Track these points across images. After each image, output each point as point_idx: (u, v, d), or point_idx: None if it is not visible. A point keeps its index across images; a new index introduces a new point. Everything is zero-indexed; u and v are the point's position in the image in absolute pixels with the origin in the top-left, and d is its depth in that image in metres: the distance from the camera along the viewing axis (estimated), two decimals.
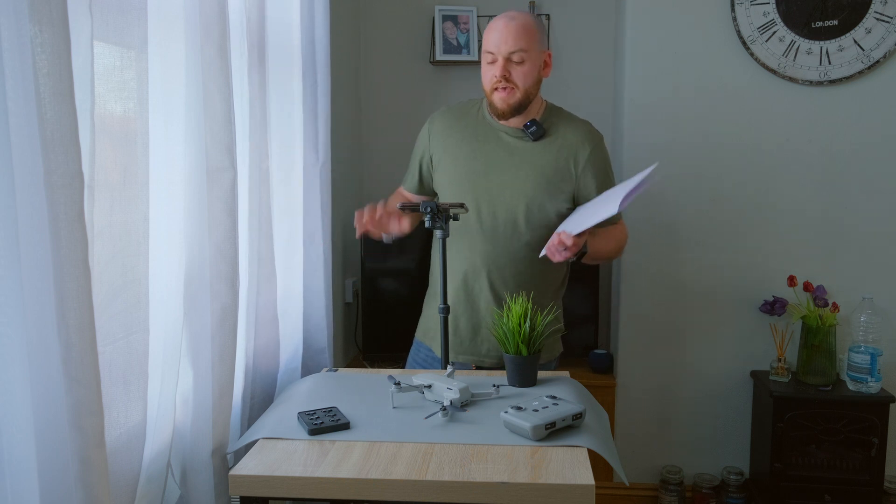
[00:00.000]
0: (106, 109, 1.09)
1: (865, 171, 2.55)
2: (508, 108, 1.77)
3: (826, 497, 2.40)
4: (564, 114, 1.91)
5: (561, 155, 1.83)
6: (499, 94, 1.76)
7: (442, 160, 1.89)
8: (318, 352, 1.98)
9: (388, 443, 1.28)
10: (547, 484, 1.14)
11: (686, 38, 2.59)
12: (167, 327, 1.30)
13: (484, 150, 1.85)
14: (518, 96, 1.76)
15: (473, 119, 1.89)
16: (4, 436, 0.91)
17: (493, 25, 1.77)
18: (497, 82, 1.74)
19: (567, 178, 1.83)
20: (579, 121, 1.90)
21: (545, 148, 1.83)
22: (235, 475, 1.18)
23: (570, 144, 1.84)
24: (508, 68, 1.74)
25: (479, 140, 1.86)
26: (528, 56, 1.74)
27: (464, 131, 1.88)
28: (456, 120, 1.91)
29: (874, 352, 2.39)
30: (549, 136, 1.84)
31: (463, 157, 1.86)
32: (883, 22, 2.45)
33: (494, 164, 1.84)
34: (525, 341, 1.54)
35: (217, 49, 1.33)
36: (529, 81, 1.77)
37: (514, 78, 1.75)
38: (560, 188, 1.83)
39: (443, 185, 1.89)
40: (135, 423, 1.18)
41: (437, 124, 1.93)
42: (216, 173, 1.35)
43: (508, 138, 1.85)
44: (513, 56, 1.73)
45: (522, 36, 1.73)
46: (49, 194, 0.88)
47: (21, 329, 0.89)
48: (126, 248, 1.15)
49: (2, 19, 0.84)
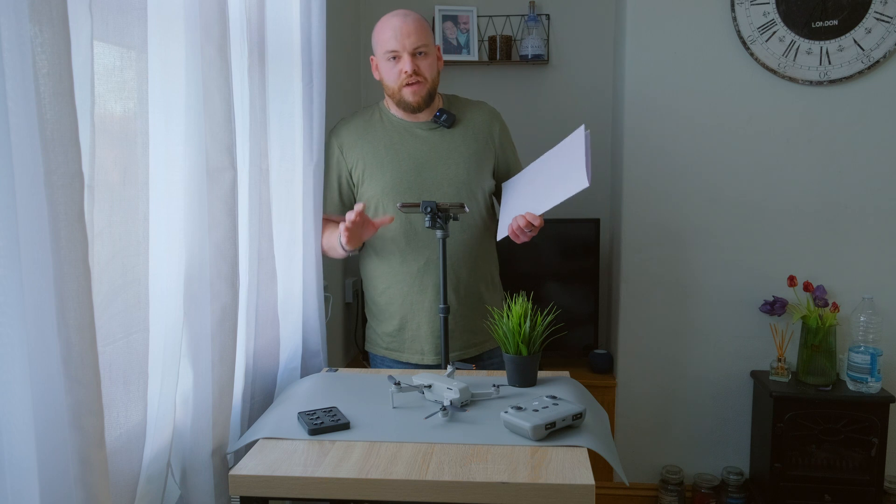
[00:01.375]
0: (106, 109, 1.09)
1: (865, 172, 2.55)
2: (421, 100, 1.84)
3: (826, 497, 2.40)
4: (462, 99, 2.01)
5: (479, 135, 1.93)
6: (410, 88, 1.82)
7: (365, 172, 1.91)
8: (313, 354, 1.98)
9: (388, 443, 1.28)
10: (547, 484, 1.14)
11: (686, 38, 2.59)
12: (167, 327, 1.30)
13: (406, 151, 1.89)
14: (428, 87, 1.84)
15: (379, 124, 1.93)
16: (5, 435, 0.90)
17: (388, 24, 1.81)
18: (408, 77, 1.80)
19: (489, 155, 1.94)
20: (478, 101, 2.01)
21: (461, 133, 1.92)
22: (235, 475, 1.19)
23: (482, 123, 1.95)
24: (416, 62, 1.80)
25: (396, 143, 1.90)
26: (428, 49, 1.82)
27: (376, 138, 1.91)
28: (363, 130, 1.93)
29: (874, 352, 2.39)
30: (459, 122, 1.92)
31: (388, 163, 1.88)
32: (883, 22, 2.45)
33: (422, 161, 1.88)
34: (525, 341, 1.54)
35: (217, 49, 1.33)
36: (434, 73, 1.85)
37: (422, 71, 1.82)
38: (486, 166, 1.93)
39: (375, 195, 1.89)
40: (135, 423, 1.18)
41: (345, 139, 1.94)
42: (216, 173, 1.35)
43: (424, 133, 1.90)
44: (417, 50, 1.80)
45: (422, 31, 1.81)
46: (49, 194, 0.88)
47: (21, 329, 0.89)
48: (126, 248, 1.15)
49: (2, 19, 0.83)
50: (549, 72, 2.96)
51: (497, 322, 1.58)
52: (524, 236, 1.72)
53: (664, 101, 2.62)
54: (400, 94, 1.83)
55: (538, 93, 2.97)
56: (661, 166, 2.64)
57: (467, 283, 1.91)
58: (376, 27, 1.85)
